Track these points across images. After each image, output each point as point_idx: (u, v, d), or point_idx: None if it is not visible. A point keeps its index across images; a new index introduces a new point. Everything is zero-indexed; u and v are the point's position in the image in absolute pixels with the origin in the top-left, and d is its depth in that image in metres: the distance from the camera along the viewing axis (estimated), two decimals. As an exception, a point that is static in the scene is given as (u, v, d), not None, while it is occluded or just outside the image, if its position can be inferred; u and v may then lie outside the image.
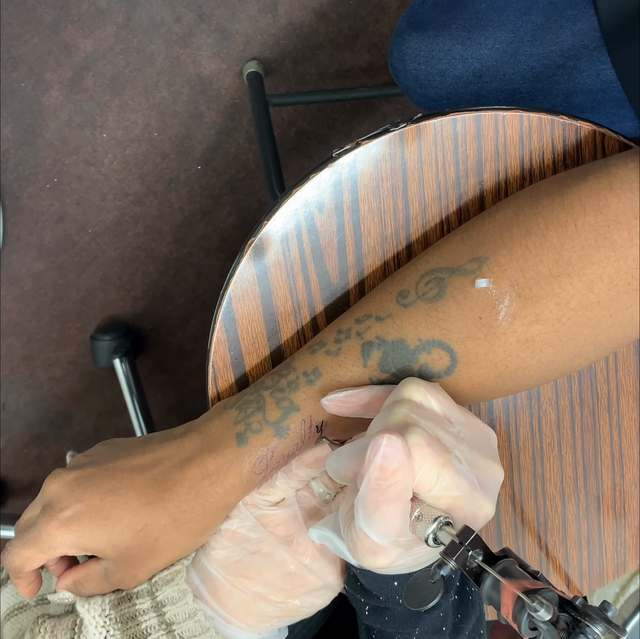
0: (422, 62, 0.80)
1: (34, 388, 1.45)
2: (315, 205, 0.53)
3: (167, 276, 1.40)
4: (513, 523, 0.60)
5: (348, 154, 0.52)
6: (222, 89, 1.31)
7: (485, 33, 0.78)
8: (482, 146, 0.52)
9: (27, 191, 1.34)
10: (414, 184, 0.53)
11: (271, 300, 0.54)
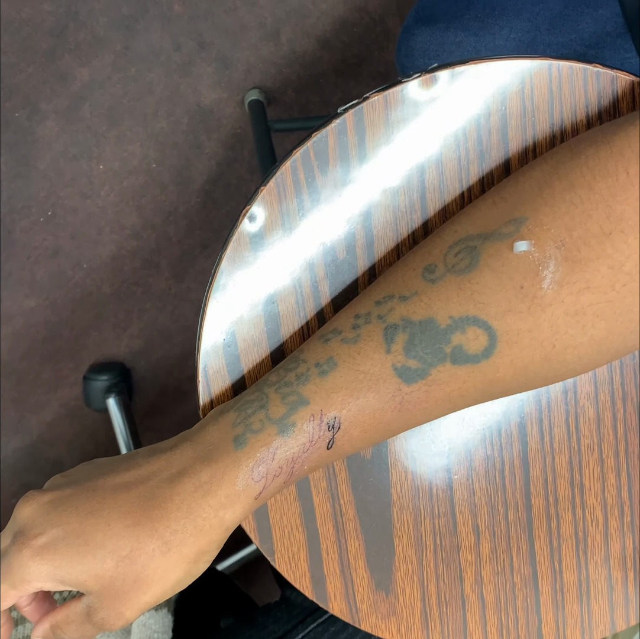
0: (432, 56, 0.75)
1: (23, 433, 1.37)
2: (318, 167, 0.47)
3: (165, 312, 1.34)
4: (548, 539, 0.52)
5: (355, 108, 0.46)
6: (223, 118, 1.27)
7: (499, 22, 0.73)
8: (506, 99, 0.46)
9: (19, 225, 1.29)
10: (430, 143, 0.47)
11: (269, 277, 0.48)
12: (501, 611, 0.53)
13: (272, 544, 0.51)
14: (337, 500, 0.51)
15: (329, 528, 0.51)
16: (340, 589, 0.52)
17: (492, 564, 0.52)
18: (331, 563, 0.51)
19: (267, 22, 1.23)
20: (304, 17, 1.24)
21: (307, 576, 0.52)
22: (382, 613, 0.52)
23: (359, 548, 0.51)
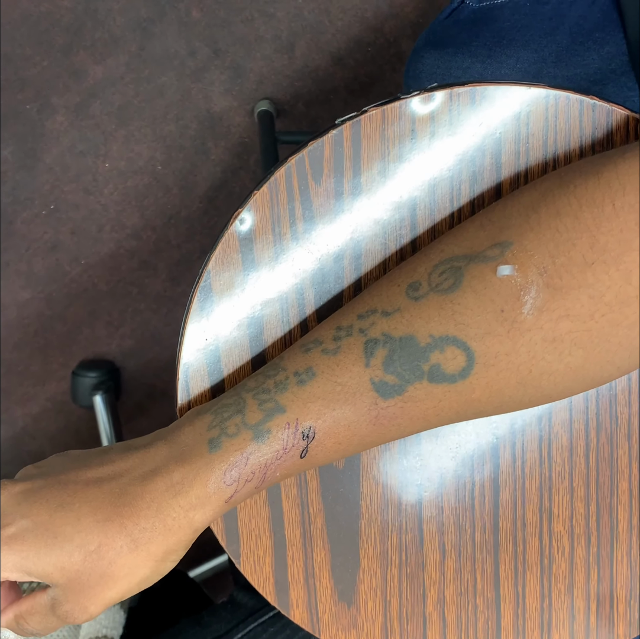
0: (439, 79, 0.75)
1: (7, 424, 1.37)
2: (312, 175, 0.47)
3: (159, 314, 1.34)
4: (513, 564, 0.52)
5: (352, 121, 0.47)
6: (232, 126, 1.28)
7: (506, 52, 0.74)
8: (502, 124, 0.47)
9: (21, 216, 1.29)
10: (423, 159, 0.47)
11: (255, 281, 0.48)
12: (462, 632, 0.53)
13: (239, 546, 0.51)
14: (306, 508, 0.51)
15: (296, 534, 0.51)
16: (303, 597, 0.52)
17: (456, 584, 0.52)
18: (296, 570, 0.52)
19: (282, 35, 1.25)
20: (320, 33, 1.25)
21: (271, 581, 0.52)
22: (343, 625, 0.52)
23: (325, 557, 0.51)
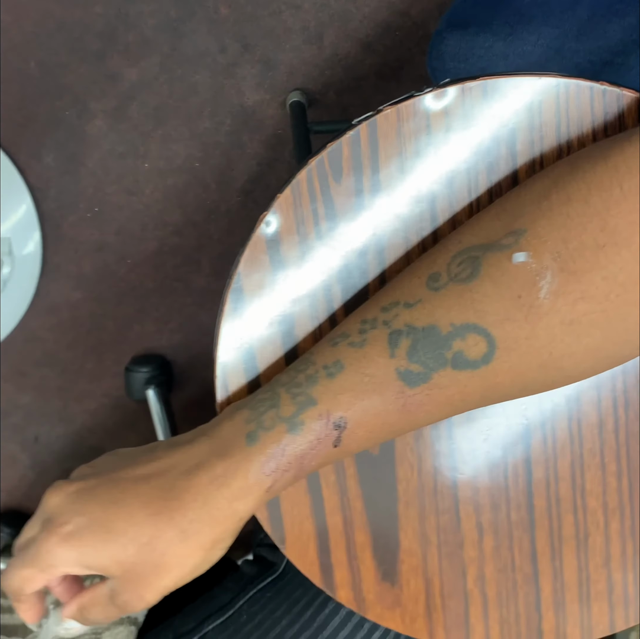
0: (462, 60, 0.76)
1: (66, 421, 1.42)
2: (332, 176, 0.49)
3: (204, 308, 1.38)
4: (549, 540, 0.53)
5: (368, 121, 0.48)
6: (265, 119, 1.30)
7: (528, 29, 0.74)
8: (515, 114, 0.48)
9: (68, 220, 1.34)
10: (440, 153, 0.49)
11: (284, 280, 0.50)
12: (502, 607, 0.54)
13: (283, 533, 0.54)
14: (345, 493, 0.53)
15: (337, 520, 0.53)
16: (348, 578, 0.54)
17: (495, 561, 0.54)
18: (339, 553, 0.54)
19: (310, 26, 1.26)
20: (347, 20, 1.26)
21: (316, 564, 0.54)
22: (387, 604, 0.55)
23: (366, 539, 0.54)
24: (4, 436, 1.43)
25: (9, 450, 1.44)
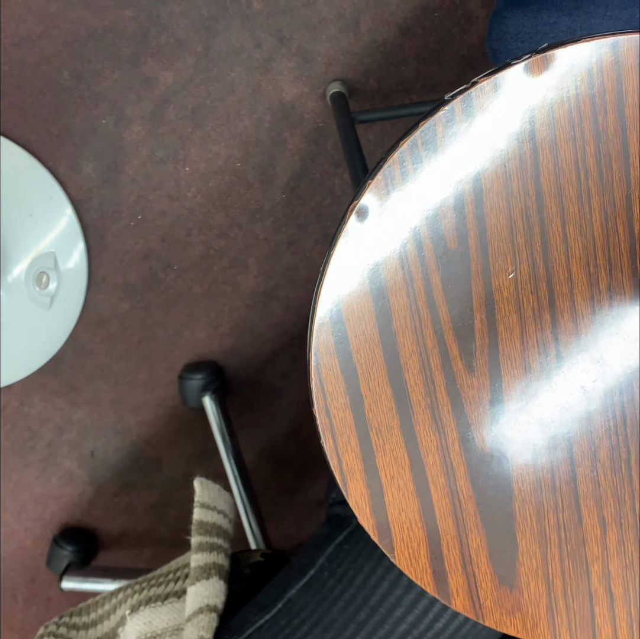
0: (526, 39, 0.73)
1: (122, 433, 1.40)
2: (426, 156, 0.46)
3: (255, 310, 1.35)
4: None
5: (462, 95, 0.45)
6: (305, 113, 1.27)
7: (594, 1, 0.71)
8: (621, 76, 0.44)
9: (111, 230, 1.31)
10: (544, 126, 0.45)
11: (378, 271, 0.47)
12: (631, 605, 0.51)
13: (392, 540, 0.51)
14: (456, 495, 0.50)
15: (448, 523, 0.50)
16: (463, 585, 0.51)
17: (620, 557, 0.50)
18: (452, 558, 0.51)
19: (346, 13, 1.23)
20: (384, 5, 1.22)
21: (429, 572, 0.51)
22: (507, 609, 0.51)
23: (481, 543, 0.50)
24: (60, 453, 1.41)
25: (66, 467, 1.42)
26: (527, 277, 0.48)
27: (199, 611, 0.78)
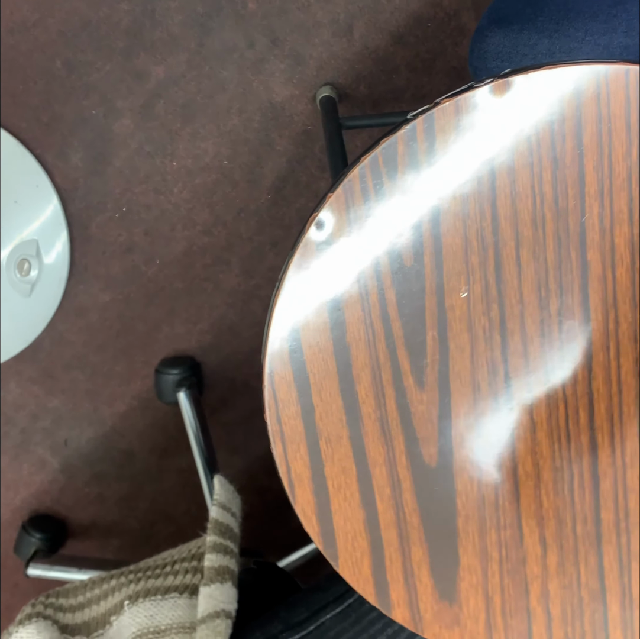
0: (506, 59, 0.73)
1: (96, 424, 1.40)
2: (386, 173, 0.46)
3: (235, 308, 1.35)
4: (617, 555, 0.51)
5: (424, 115, 0.46)
6: (295, 115, 1.27)
7: (574, 25, 0.71)
8: (582, 106, 0.45)
9: (95, 221, 1.32)
10: (503, 150, 0.46)
11: (335, 284, 0.48)
12: (568, 625, 0.52)
13: (336, 549, 0.51)
14: (401, 508, 0.50)
15: (392, 535, 0.51)
16: (404, 596, 0.52)
17: (560, 577, 0.51)
18: (395, 570, 0.51)
19: (340, 19, 1.23)
20: (378, 12, 1.23)
21: (371, 582, 0.51)
22: (446, 623, 0.52)
23: (423, 556, 0.51)
24: (34, 440, 1.41)
25: (39, 454, 1.42)
26: (479, 298, 0.48)
27: (215, 615, 0.77)
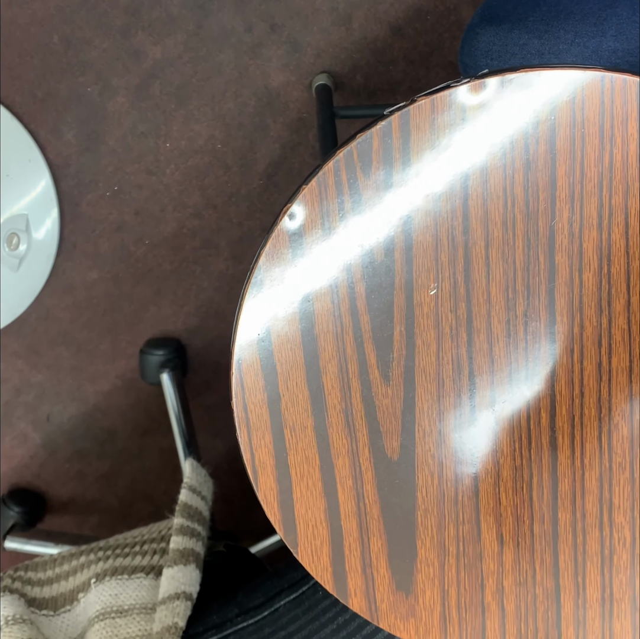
0: (495, 57, 0.74)
1: (79, 401, 1.41)
2: (361, 168, 0.47)
3: (222, 292, 1.36)
4: (573, 554, 0.51)
5: (401, 111, 0.46)
6: (290, 102, 1.27)
7: (564, 26, 0.71)
8: (556, 109, 0.45)
9: (86, 198, 1.32)
10: (476, 150, 0.46)
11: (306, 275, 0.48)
12: (521, 622, 0.52)
13: (296, 536, 0.52)
14: (362, 499, 0.51)
15: (352, 525, 0.51)
16: (361, 586, 0.52)
17: (515, 574, 0.52)
18: (353, 560, 0.52)
19: (339, 7, 1.23)
20: (377, 2, 1.23)
21: (329, 570, 0.52)
22: (402, 614, 0.53)
23: (382, 547, 0.52)
24: (16, 414, 1.42)
25: (21, 428, 1.43)
26: (447, 295, 0.49)
27: (175, 596, 0.78)
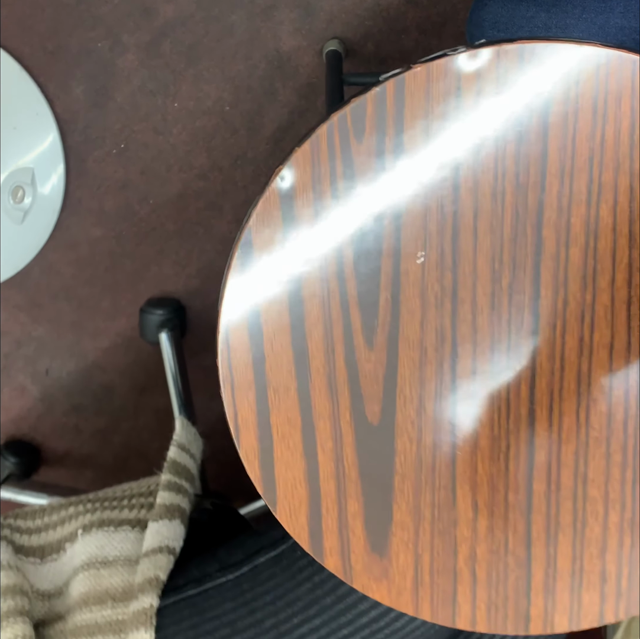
0: (502, 29, 0.73)
1: (78, 356, 1.42)
2: (353, 133, 0.47)
3: (224, 256, 1.36)
4: (545, 525, 0.52)
5: (397, 77, 0.46)
6: (300, 67, 1.27)
7: (572, 1, 0.71)
8: (550, 83, 0.45)
9: (92, 155, 1.32)
10: (468, 119, 0.46)
11: (295, 238, 0.49)
12: (492, 589, 0.53)
13: (275, 495, 0.53)
14: (341, 461, 0.52)
15: (330, 486, 0.52)
16: (337, 547, 0.53)
17: (488, 542, 0.53)
18: (330, 520, 0.53)
19: (354, -27, 1.22)
20: (392, -30, 1.22)
21: (306, 530, 0.53)
22: (375, 575, 0.54)
23: (358, 509, 0.53)
24: (15, 366, 1.43)
25: (20, 381, 1.44)
26: (434, 265, 0.49)
27: (158, 549, 0.80)
